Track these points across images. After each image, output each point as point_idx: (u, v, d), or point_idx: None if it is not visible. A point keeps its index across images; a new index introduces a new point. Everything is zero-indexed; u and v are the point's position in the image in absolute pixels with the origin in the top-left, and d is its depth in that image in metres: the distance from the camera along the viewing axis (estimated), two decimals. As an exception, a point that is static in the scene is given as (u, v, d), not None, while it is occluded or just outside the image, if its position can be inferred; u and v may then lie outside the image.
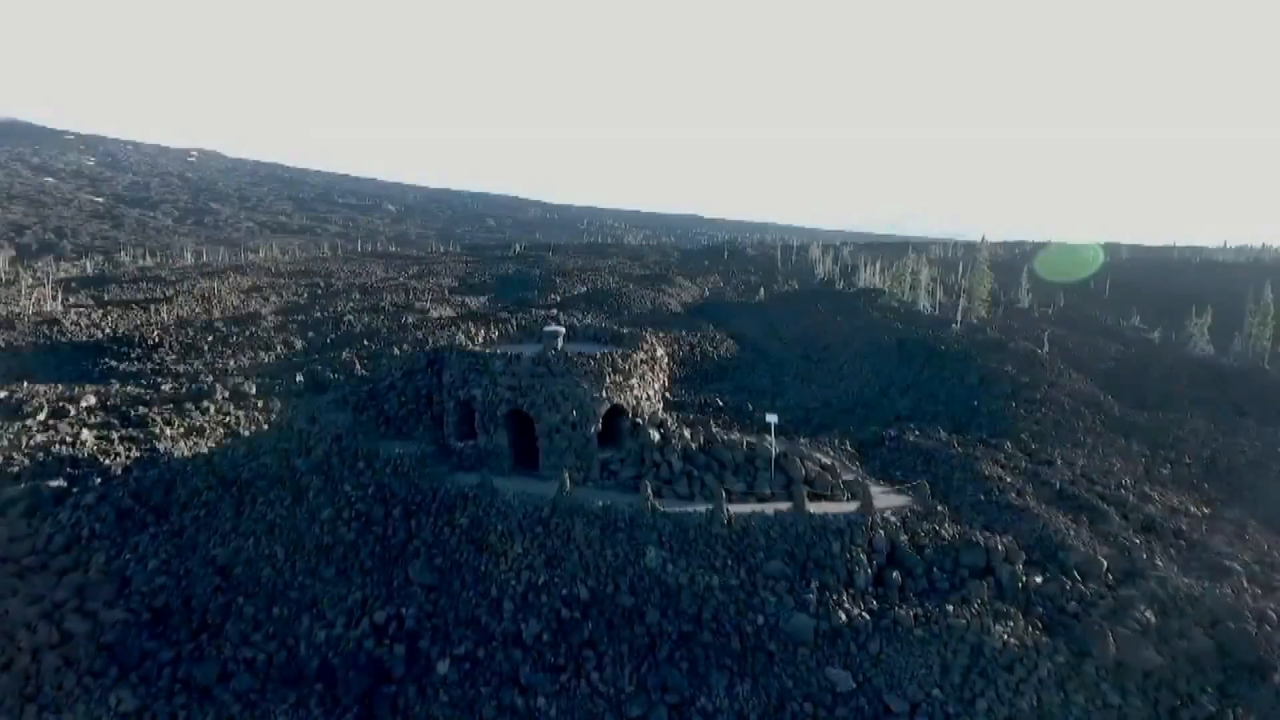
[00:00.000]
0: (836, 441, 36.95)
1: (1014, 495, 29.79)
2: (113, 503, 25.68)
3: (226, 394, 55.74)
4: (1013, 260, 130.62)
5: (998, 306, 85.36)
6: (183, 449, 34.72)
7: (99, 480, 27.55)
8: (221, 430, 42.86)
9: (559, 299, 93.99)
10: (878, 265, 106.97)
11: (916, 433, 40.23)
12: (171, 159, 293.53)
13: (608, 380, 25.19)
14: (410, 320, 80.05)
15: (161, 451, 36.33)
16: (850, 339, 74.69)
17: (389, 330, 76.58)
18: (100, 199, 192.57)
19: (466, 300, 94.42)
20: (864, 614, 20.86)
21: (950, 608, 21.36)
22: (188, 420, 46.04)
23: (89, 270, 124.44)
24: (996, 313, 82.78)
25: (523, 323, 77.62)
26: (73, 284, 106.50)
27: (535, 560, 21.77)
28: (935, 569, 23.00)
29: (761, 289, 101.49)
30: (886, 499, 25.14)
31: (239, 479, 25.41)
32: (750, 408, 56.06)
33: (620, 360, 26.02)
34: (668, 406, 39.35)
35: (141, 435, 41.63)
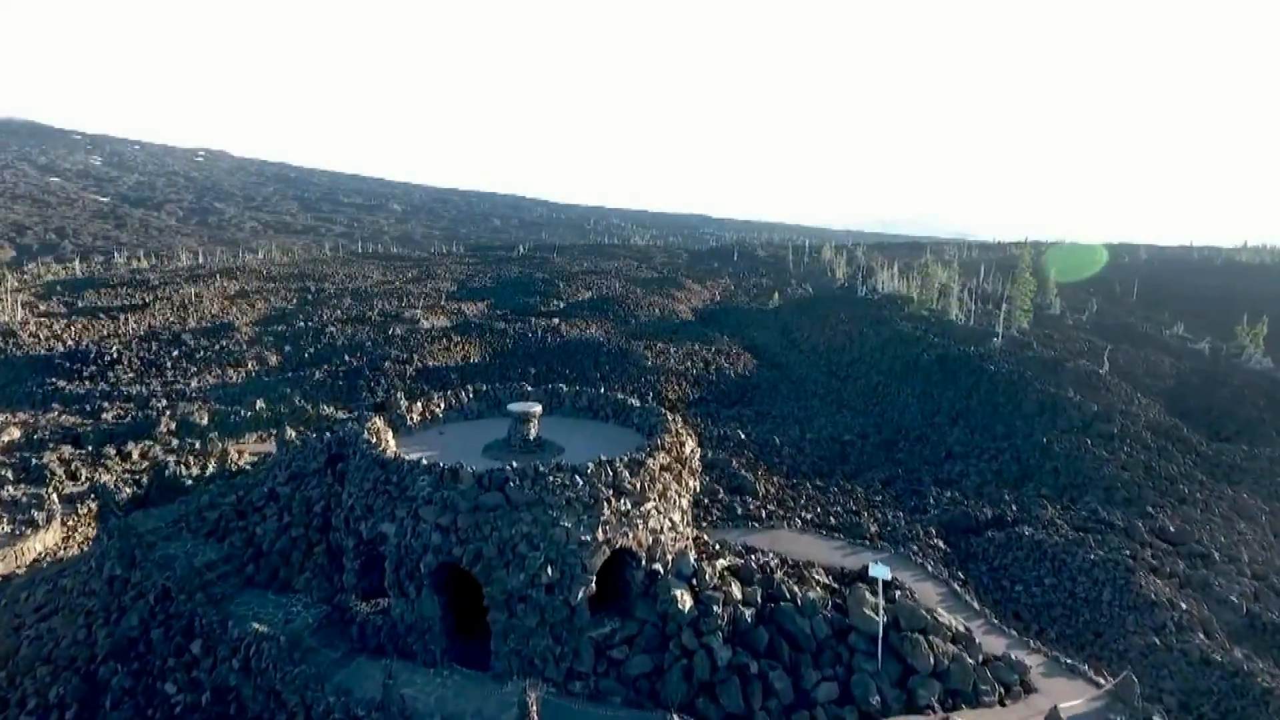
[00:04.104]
0: (920, 531, 26.17)
1: (1201, 636, 19.30)
2: None
3: (173, 425, 46.01)
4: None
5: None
6: (53, 534, 24.50)
7: None
8: (128, 491, 32.70)
9: (562, 305, 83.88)
10: (895, 268, 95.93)
11: (1017, 511, 29.46)
12: (178, 159, 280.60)
13: (606, 510, 13.88)
14: (398, 331, 70.11)
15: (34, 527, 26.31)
16: (880, 354, 64.17)
17: (373, 343, 66.61)
18: (105, 199, 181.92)
19: (463, 307, 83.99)
20: None
21: None
22: (100, 469, 36.21)
23: (79, 273, 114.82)
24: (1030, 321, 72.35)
25: (517, 327, 67.76)
26: (58, 287, 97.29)
27: None
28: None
29: (775, 293, 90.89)
30: (1060, 690, 14.49)
31: (16, 654, 15.06)
32: (778, 442, 45.70)
33: (628, 473, 14.65)
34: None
35: (24, 498, 31.67)
